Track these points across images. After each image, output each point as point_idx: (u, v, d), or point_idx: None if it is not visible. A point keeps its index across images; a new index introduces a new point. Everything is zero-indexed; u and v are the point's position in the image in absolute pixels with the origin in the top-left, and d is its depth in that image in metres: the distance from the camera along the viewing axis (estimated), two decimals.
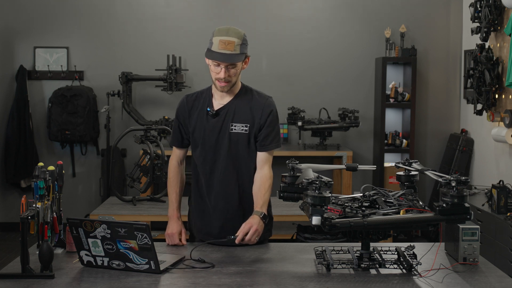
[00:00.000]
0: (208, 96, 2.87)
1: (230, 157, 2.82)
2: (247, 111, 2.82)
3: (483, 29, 5.33)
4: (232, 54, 2.68)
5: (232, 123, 2.81)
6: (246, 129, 2.81)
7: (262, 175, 2.81)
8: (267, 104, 2.86)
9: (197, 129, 2.85)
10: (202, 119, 2.84)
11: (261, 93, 2.91)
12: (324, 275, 2.39)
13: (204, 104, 2.85)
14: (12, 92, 6.45)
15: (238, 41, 2.69)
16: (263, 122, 2.82)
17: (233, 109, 2.82)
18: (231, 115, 2.81)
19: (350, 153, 6.02)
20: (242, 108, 2.83)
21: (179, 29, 6.48)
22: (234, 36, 2.69)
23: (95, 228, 2.35)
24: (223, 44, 2.68)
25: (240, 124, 2.81)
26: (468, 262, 2.52)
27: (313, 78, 6.55)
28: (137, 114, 6.24)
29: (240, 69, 2.76)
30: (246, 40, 2.76)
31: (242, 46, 2.71)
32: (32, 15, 6.45)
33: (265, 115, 2.83)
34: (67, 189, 5.87)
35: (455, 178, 2.28)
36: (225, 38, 2.69)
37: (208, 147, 2.84)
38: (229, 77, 2.73)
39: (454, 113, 6.57)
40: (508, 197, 4.32)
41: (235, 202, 2.86)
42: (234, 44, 2.68)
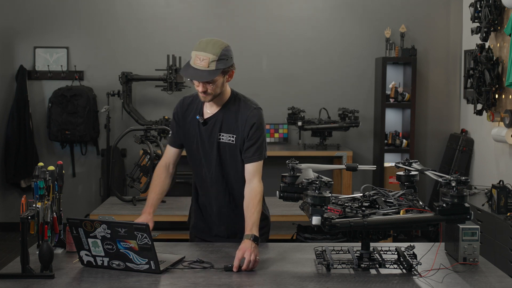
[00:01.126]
0: (201, 102, 2.83)
1: (219, 166, 2.81)
2: (233, 122, 2.77)
3: (483, 29, 5.33)
4: (205, 71, 2.59)
5: (220, 132, 2.79)
6: (232, 139, 2.77)
7: (250, 189, 2.73)
8: (251, 115, 2.76)
9: (190, 131, 2.85)
10: (195, 124, 2.84)
11: (248, 103, 2.81)
12: (324, 275, 2.39)
13: (197, 109, 2.83)
14: (12, 92, 6.45)
15: (213, 57, 2.59)
16: (246, 135, 2.75)
17: (221, 119, 2.78)
18: (219, 125, 2.78)
19: (350, 153, 6.02)
20: (229, 118, 2.78)
21: (179, 29, 6.48)
22: (210, 52, 2.60)
23: (95, 228, 2.35)
24: (198, 60, 2.60)
25: (227, 135, 2.78)
26: (468, 262, 2.52)
27: (313, 78, 6.56)
28: (137, 114, 6.24)
29: (221, 83, 2.68)
30: (226, 55, 2.64)
31: (218, 62, 2.60)
32: (32, 15, 6.45)
33: (247, 128, 2.75)
34: (67, 189, 5.87)
35: (455, 178, 2.28)
36: (201, 54, 2.61)
37: (200, 150, 2.84)
38: (208, 91, 2.65)
39: (454, 113, 6.57)
40: (508, 197, 4.32)
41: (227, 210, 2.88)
42: (209, 60, 2.59)
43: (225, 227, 2.92)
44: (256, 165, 2.75)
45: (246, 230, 2.63)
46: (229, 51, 2.67)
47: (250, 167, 2.76)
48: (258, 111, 2.80)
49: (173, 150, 2.94)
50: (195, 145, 2.84)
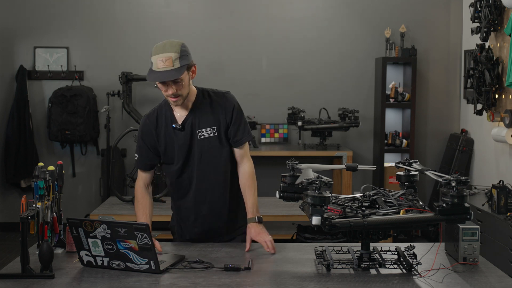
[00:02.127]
0: (168, 111, 2.83)
1: (203, 163, 2.82)
2: (210, 115, 2.81)
3: (483, 29, 5.33)
4: (172, 69, 2.61)
5: (199, 129, 2.80)
6: (214, 131, 2.81)
7: (243, 171, 2.86)
8: (227, 101, 2.83)
9: (169, 145, 2.84)
10: (170, 135, 2.83)
11: (217, 92, 2.87)
12: (324, 275, 2.39)
13: (167, 120, 2.83)
14: (12, 92, 6.45)
15: (175, 55, 2.61)
16: (229, 120, 2.81)
17: (197, 116, 2.80)
18: (197, 123, 2.80)
19: (350, 153, 6.01)
20: (204, 112, 2.80)
21: (179, 29, 6.48)
22: (170, 51, 2.62)
23: (95, 228, 2.35)
24: (161, 62, 2.61)
25: (207, 129, 2.81)
26: (468, 262, 2.52)
27: (313, 78, 6.55)
28: (137, 114, 6.24)
29: (188, 81, 2.70)
30: (186, 51, 2.67)
31: (181, 58, 2.63)
32: (32, 15, 6.45)
33: (229, 113, 2.81)
34: (67, 189, 5.88)
35: (455, 178, 2.28)
36: (162, 56, 2.61)
37: (183, 159, 2.83)
38: (178, 91, 2.67)
39: (454, 113, 6.57)
40: (508, 197, 4.32)
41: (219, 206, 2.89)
42: (172, 59, 2.61)
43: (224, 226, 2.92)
44: (245, 146, 2.86)
45: (248, 214, 2.78)
46: (186, 47, 2.69)
47: (239, 150, 2.85)
48: (231, 95, 2.87)
49: (144, 172, 2.93)
50: (176, 155, 2.83)
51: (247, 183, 2.84)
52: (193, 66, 2.73)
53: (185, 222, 2.95)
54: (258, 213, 2.80)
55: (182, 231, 2.98)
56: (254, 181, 2.86)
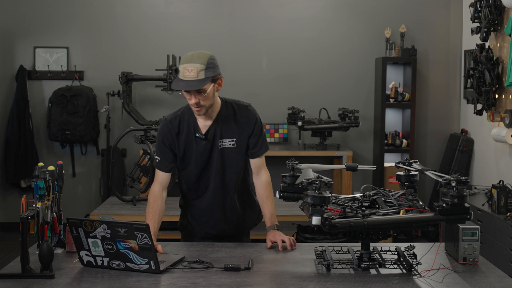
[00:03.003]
0: (191, 119, 2.88)
1: (221, 172, 2.90)
2: (232, 126, 2.88)
3: (483, 29, 5.33)
4: (196, 80, 2.67)
5: (221, 139, 2.87)
6: (233, 143, 2.88)
7: (260, 182, 2.95)
8: (250, 114, 2.92)
9: (187, 152, 2.88)
10: (191, 142, 2.87)
11: (240, 104, 2.93)
12: (324, 275, 2.39)
13: (190, 127, 2.87)
14: (12, 92, 6.45)
15: (201, 66, 2.67)
16: (250, 133, 2.90)
17: (220, 127, 2.86)
18: (219, 134, 2.87)
19: (350, 153, 6.02)
20: (227, 124, 2.87)
21: (179, 29, 6.48)
22: (197, 62, 2.68)
23: (95, 228, 2.35)
24: (187, 71, 2.68)
25: (227, 140, 2.88)
26: (468, 262, 2.52)
27: (313, 78, 6.55)
28: (137, 114, 6.24)
29: (212, 93, 2.75)
30: (213, 63, 2.73)
31: (207, 70, 2.68)
32: (32, 15, 6.45)
33: (251, 126, 2.90)
34: (67, 189, 5.88)
35: (455, 178, 2.28)
36: (188, 65, 2.68)
37: (200, 166, 2.89)
38: (201, 102, 2.73)
39: (454, 113, 6.57)
40: (508, 197, 4.31)
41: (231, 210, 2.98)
42: (197, 70, 2.67)
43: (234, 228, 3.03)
44: (262, 157, 2.96)
45: (267, 222, 2.92)
46: (214, 59, 2.75)
47: (257, 161, 2.94)
48: (252, 108, 2.96)
49: (165, 174, 2.93)
50: (194, 162, 2.88)
51: (265, 194, 2.93)
52: (219, 79, 2.78)
53: (197, 221, 3.01)
54: (276, 221, 2.91)
55: (193, 229, 3.04)
56: (271, 192, 2.96)
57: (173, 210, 4.44)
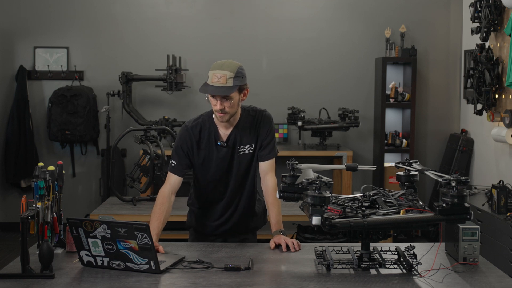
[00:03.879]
0: (212, 126, 2.93)
1: (238, 177, 2.98)
2: (251, 133, 2.95)
3: (483, 29, 5.33)
4: (223, 87, 2.74)
5: (240, 146, 2.94)
6: (252, 148, 2.96)
7: (267, 186, 2.96)
8: (266, 119, 2.97)
9: (208, 158, 2.95)
10: (212, 149, 2.93)
11: (256, 110, 2.99)
12: (324, 275, 2.39)
13: (211, 135, 2.93)
14: (12, 92, 6.45)
15: (230, 74, 2.75)
16: (264, 137, 2.97)
17: (239, 134, 2.94)
18: (239, 140, 2.94)
19: (350, 153, 6.02)
20: (246, 131, 2.95)
21: (179, 29, 6.48)
22: (227, 70, 2.75)
23: (95, 228, 2.35)
24: (216, 77, 2.75)
25: (246, 146, 2.95)
26: (468, 262, 2.52)
27: (313, 78, 6.55)
28: (137, 114, 6.24)
29: (237, 101, 2.82)
30: (242, 73, 2.80)
31: (235, 79, 2.76)
32: (32, 15, 6.45)
33: (265, 131, 2.96)
34: (67, 189, 5.88)
35: (455, 178, 2.28)
36: (218, 72, 2.75)
37: (219, 172, 2.96)
38: (226, 109, 2.79)
39: (454, 113, 6.57)
40: (508, 197, 4.31)
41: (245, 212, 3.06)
42: (226, 77, 2.74)
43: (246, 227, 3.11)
44: (271, 162, 2.99)
45: (272, 228, 2.91)
46: (243, 70, 2.83)
47: (265, 165, 2.97)
48: (268, 113, 3.01)
49: (178, 178, 2.96)
50: (213, 168, 2.95)
51: (271, 199, 2.94)
52: (245, 89, 2.86)
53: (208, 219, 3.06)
54: (281, 227, 2.92)
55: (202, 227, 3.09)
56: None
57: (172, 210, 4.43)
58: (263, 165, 2.97)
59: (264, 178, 2.97)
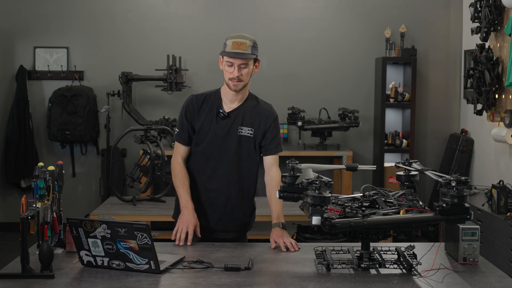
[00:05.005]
0: (217, 99, 2.98)
1: (236, 158, 2.96)
2: (253, 116, 2.99)
3: (483, 29, 5.33)
4: (245, 52, 2.85)
5: (241, 126, 2.96)
6: (251, 132, 2.98)
7: (271, 179, 2.99)
8: (272, 111, 3.05)
9: (204, 127, 2.96)
10: (210, 120, 2.96)
11: (265, 101, 3.08)
12: (324, 275, 2.39)
13: (214, 106, 2.97)
14: (12, 92, 6.45)
15: (249, 42, 2.88)
16: (268, 127, 3.01)
17: (242, 113, 2.97)
18: (240, 119, 2.96)
19: (350, 153, 6.02)
20: (249, 113, 2.99)
21: (179, 29, 6.48)
22: (246, 39, 2.89)
23: (95, 228, 2.35)
24: (236, 44, 2.86)
25: (246, 128, 2.97)
26: (468, 262, 2.52)
27: (313, 78, 6.55)
28: (137, 114, 6.24)
29: (251, 70, 2.92)
30: (257, 45, 2.93)
31: (253, 48, 2.89)
32: (32, 15, 6.45)
33: (270, 121, 3.01)
34: (67, 189, 5.87)
35: (455, 178, 2.28)
36: (238, 40, 2.87)
37: (214, 145, 2.96)
38: (242, 76, 2.87)
39: (454, 113, 6.57)
40: (508, 197, 4.31)
41: (235, 200, 3.01)
42: (246, 44, 2.87)
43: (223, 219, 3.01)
44: (276, 156, 3.05)
45: (273, 219, 2.93)
46: (257, 44, 2.95)
47: (270, 158, 3.02)
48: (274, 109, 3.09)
49: (185, 148, 3.01)
50: (210, 139, 2.95)
51: (274, 191, 2.92)
52: (258, 61, 2.97)
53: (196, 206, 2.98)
54: (282, 220, 2.93)
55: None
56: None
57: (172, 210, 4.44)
58: (269, 159, 3.01)
59: (270, 170, 3.00)
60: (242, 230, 3.11)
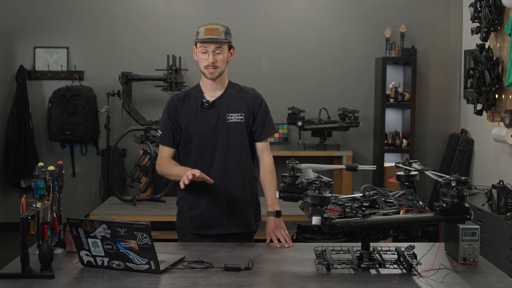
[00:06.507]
0: (198, 92, 2.95)
1: (228, 147, 2.90)
2: (240, 101, 2.94)
3: (483, 29, 5.33)
4: (218, 37, 2.82)
5: (228, 113, 2.91)
6: (241, 118, 2.93)
7: (264, 165, 2.97)
8: (257, 94, 3.00)
9: (191, 123, 2.90)
10: (195, 114, 2.90)
11: (244, 86, 3.03)
12: (324, 275, 2.39)
13: (196, 99, 2.92)
14: (12, 92, 6.45)
15: (222, 28, 2.84)
16: (256, 111, 2.95)
17: (227, 100, 2.93)
18: (226, 106, 2.92)
19: (350, 153, 6.02)
20: (235, 99, 2.94)
21: (179, 29, 6.48)
22: (218, 25, 2.85)
23: (95, 228, 2.35)
24: (209, 30, 2.82)
25: (235, 114, 2.92)
26: (468, 262, 2.52)
27: (313, 78, 6.56)
28: (137, 114, 6.24)
29: (226, 57, 2.87)
30: (230, 32, 2.89)
31: (226, 33, 2.85)
32: (32, 15, 6.45)
33: (257, 104, 2.96)
34: (67, 189, 5.87)
35: (455, 178, 2.27)
36: (210, 26, 2.83)
37: (206, 138, 2.90)
38: (217, 63, 2.84)
39: (454, 113, 6.57)
40: (508, 197, 4.31)
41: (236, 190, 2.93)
42: (219, 30, 2.83)
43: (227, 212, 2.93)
44: (267, 141, 3.01)
45: (268, 207, 2.92)
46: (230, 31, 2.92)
47: (261, 145, 2.97)
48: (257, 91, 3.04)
49: (169, 149, 2.95)
50: (200, 132, 2.89)
51: (268, 177, 2.94)
52: (233, 48, 2.94)
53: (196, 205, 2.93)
54: (277, 207, 2.91)
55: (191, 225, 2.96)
56: (274, 175, 2.98)
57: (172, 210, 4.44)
58: (260, 144, 2.97)
59: (262, 156, 2.98)
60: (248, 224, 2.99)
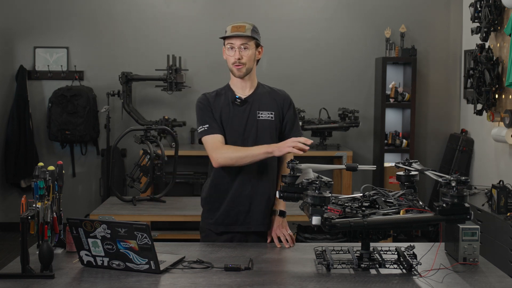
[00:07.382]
0: (229, 90, 2.97)
1: (257, 143, 2.87)
2: (270, 100, 2.97)
3: (483, 29, 5.34)
4: (243, 33, 2.85)
5: (259, 111, 2.93)
6: (272, 116, 2.95)
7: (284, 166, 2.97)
8: (286, 95, 3.04)
9: (223, 118, 2.91)
10: (227, 111, 2.92)
11: (274, 87, 3.07)
12: (324, 275, 2.39)
13: (227, 97, 2.94)
14: (12, 92, 6.45)
15: (249, 26, 2.88)
16: (285, 112, 2.98)
17: (258, 98, 2.96)
18: (257, 104, 2.94)
19: (350, 153, 6.02)
20: (265, 97, 2.97)
21: (179, 29, 6.48)
22: (245, 23, 2.89)
23: (95, 228, 2.35)
24: (236, 28, 2.86)
25: (266, 112, 2.94)
26: (468, 262, 2.52)
27: (313, 78, 6.56)
28: (137, 114, 6.24)
29: (254, 55, 2.89)
30: (258, 30, 2.92)
31: (253, 31, 2.88)
32: (32, 15, 6.45)
33: (286, 105, 2.99)
34: (67, 189, 5.88)
35: (455, 178, 2.27)
36: (237, 24, 2.88)
37: (236, 135, 2.91)
38: (243, 59, 2.86)
39: (454, 113, 6.57)
40: (508, 197, 4.31)
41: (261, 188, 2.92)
42: (245, 27, 2.86)
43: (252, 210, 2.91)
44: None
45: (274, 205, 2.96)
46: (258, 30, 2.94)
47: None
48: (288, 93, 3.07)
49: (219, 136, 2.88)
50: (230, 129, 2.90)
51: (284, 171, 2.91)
52: (261, 46, 2.96)
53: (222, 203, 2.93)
54: (282, 207, 2.95)
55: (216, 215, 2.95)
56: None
57: (172, 210, 4.45)
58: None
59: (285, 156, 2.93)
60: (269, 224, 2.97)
